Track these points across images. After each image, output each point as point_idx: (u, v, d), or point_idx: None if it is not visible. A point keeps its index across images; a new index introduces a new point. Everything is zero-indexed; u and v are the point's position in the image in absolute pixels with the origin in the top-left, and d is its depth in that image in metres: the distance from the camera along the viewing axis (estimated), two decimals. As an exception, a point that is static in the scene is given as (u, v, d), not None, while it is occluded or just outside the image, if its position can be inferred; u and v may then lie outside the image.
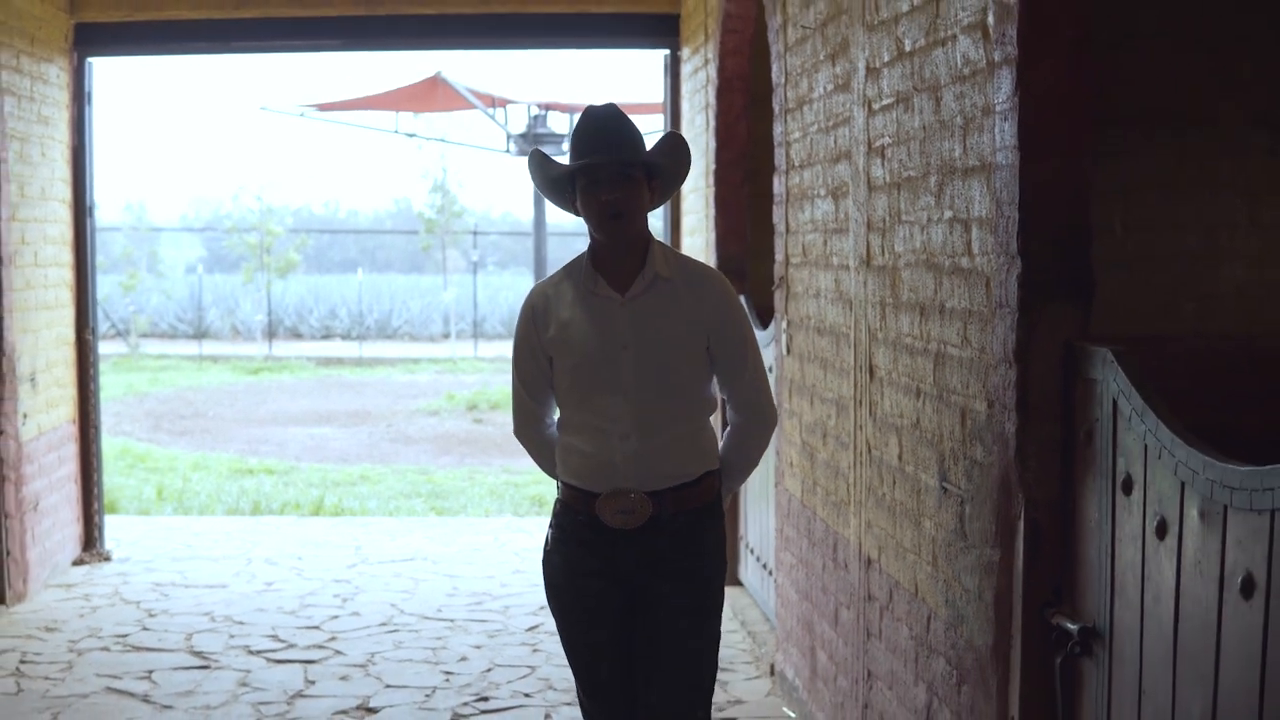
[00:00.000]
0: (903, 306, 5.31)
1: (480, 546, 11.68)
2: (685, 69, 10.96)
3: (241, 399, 26.47)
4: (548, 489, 15.30)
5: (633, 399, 4.80)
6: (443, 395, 26.08)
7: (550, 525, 5.05)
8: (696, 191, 10.45)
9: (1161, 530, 3.57)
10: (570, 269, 5.00)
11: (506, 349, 33.54)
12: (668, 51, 11.31)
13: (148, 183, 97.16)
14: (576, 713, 7.24)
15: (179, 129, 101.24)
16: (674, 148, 4.91)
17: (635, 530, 4.80)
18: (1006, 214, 4.20)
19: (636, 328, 4.83)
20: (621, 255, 4.87)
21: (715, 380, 4.99)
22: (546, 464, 5.14)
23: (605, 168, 4.75)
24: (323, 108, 23.77)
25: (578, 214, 4.89)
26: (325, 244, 64.21)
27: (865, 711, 5.90)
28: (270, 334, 39.27)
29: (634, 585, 4.87)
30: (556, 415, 5.09)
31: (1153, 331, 5.55)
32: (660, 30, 11.20)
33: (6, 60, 9.67)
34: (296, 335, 41.93)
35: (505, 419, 21.85)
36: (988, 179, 4.36)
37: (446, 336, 40.38)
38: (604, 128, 4.81)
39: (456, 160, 52.40)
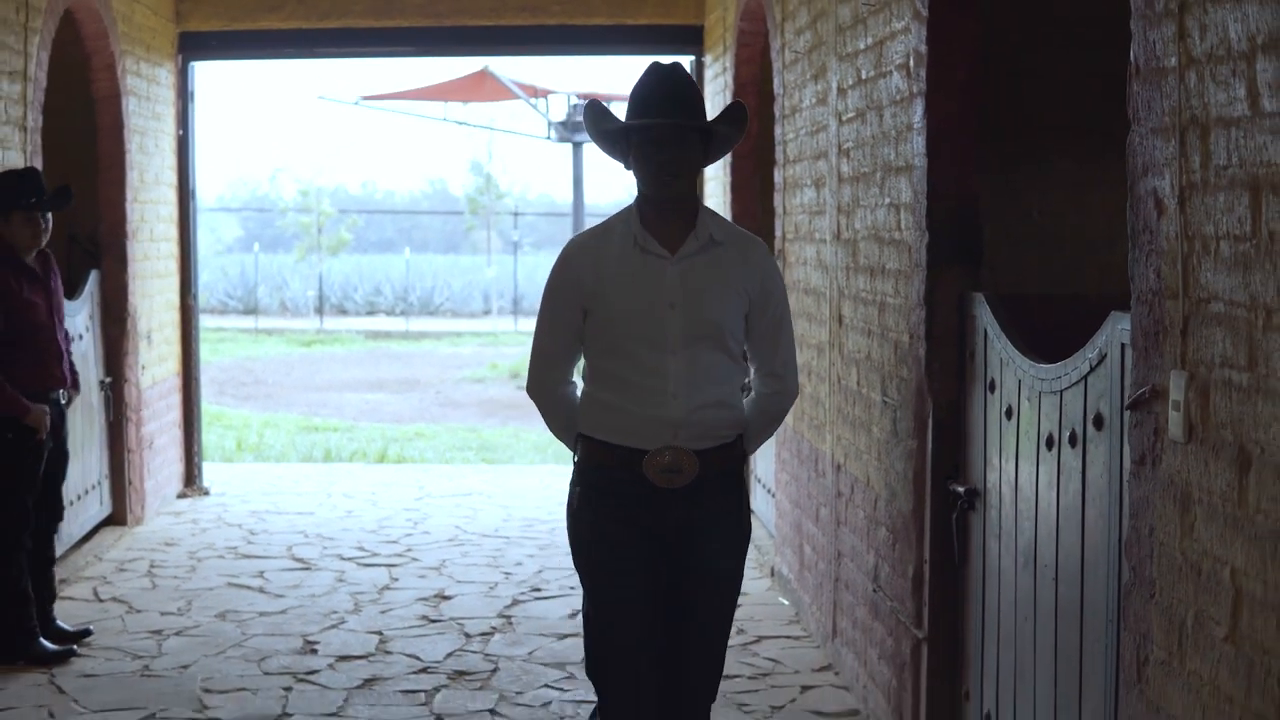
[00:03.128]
0: (860, 270, 7.04)
1: (528, 486, 13.45)
2: (708, 73, 12.67)
3: (297, 368, 28.28)
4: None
5: (680, 358, 4.79)
6: (486, 365, 27.86)
7: (574, 484, 5.01)
8: (716, 179, 12.18)
9: (1009, 414, 5.31)
10: (613, 224, 4.97)
11: (545, 325, 35.29)
12: (693, 57, 13.00)
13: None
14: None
15: (224, 115, 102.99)
16: (736, 117, 4.98)
17: (679, 489, 4.81)
18: (920, 201, 5.94)
19: (685, 287, 4.81)
20: (671, 215, 4.87)
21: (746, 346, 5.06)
22: (561, 422, 5.10)
23: (665, 129, 4.75)
24: (378, 97, 25.56)
25: (629, 167, 4.91)
26: (363, 224, 66.10)
27: (836, 584, 7.64)
28: (320, 309, 41.10)
29: (670, 545, 4.87)
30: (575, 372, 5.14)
31: (1067, 292, 7.25)
32: (687, 39, 12.89)
33: (130, 66, 11.41)
34: (342, 311, 43.71)
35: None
36: (909, 176, 6.09)
37: (487, 313, 42.14)
38: (667, 89, 4.83)
39: (503, 147, 54.08)
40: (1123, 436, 4.25)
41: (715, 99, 12.20)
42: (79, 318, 10.44)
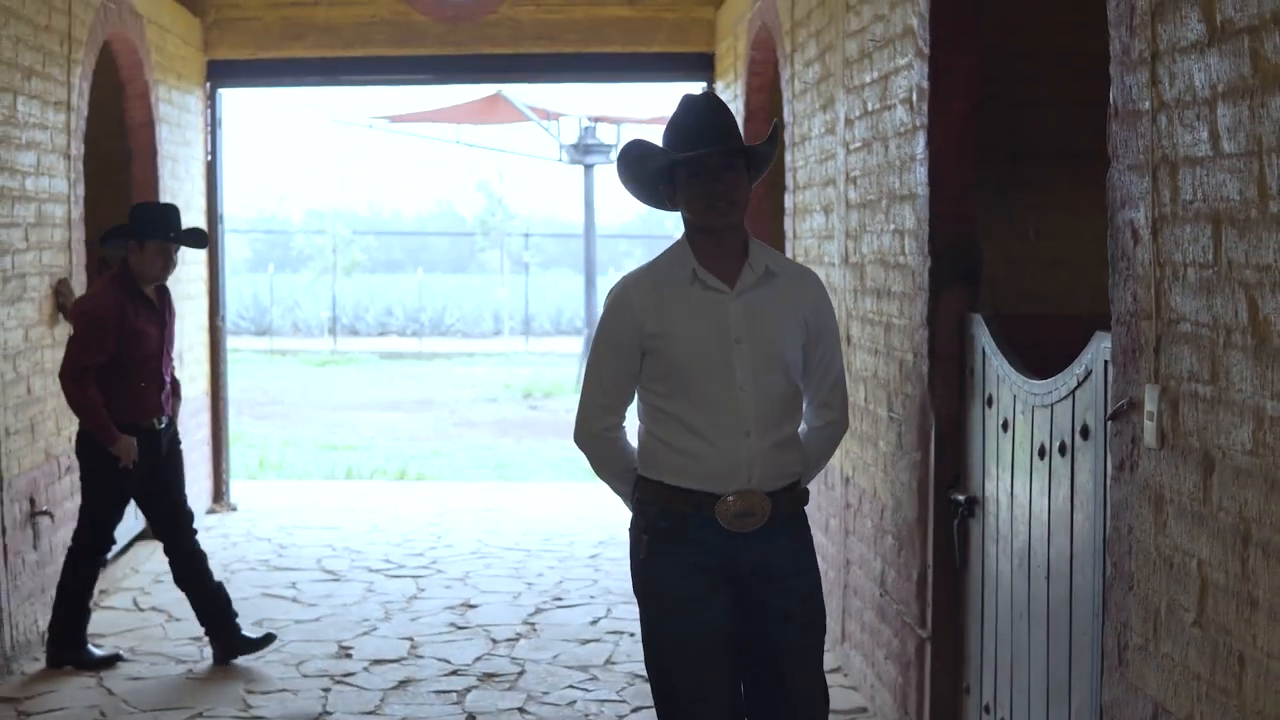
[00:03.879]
0: (867, 292, 7.46)
1: (547, 501, 13.86)
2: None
3: (313, 388, 28.68)
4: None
5: (749, 395, 4.69)
6: (499, 385, 28.25)
7: (639, 530, 4.86)
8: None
9: (1005, 426, 5.72)
10: (664, 262, 4.87)
11: (555, 344, 35.76)
12: (705, 84, 13.44)
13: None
14: (631, 608, 9.41)
15: (229, 137, 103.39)
16: (775, 137, 4.95)
17: (752, 532, 4.72)
18: (923, 228, 6.35)
19: (748, 322, 4.73)
20: (724, 248, 4.77)
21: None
22: (617, 471, 4.96)
23: (714, 157, 4.66)
24: (392, 119, 26.03)
25: (668, 207, 4.83)
26: (371, 245, 66.54)
27: (845, 590, 8.05)
28: (333, 330, 41.53)
29: (745, 589, 4.77)
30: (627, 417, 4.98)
31: (1063, 311, 7.66)
32: (699, 66, 13.34)
33: (163, 95, 11.84)
34: (354, 332, 44.10)
35: (558, 404, 24.01)
36: (913, 204, 6.51)
37: (498, 334, 42.55)
38: (708, 117, 4.77)
39: (511, 168, 54.54)
40: (1106, 445, 4.65)
41: (726, 126, 12.61)
42: (116, 339, 10.84)
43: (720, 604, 4.73)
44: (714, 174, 4.67)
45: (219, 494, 13.45)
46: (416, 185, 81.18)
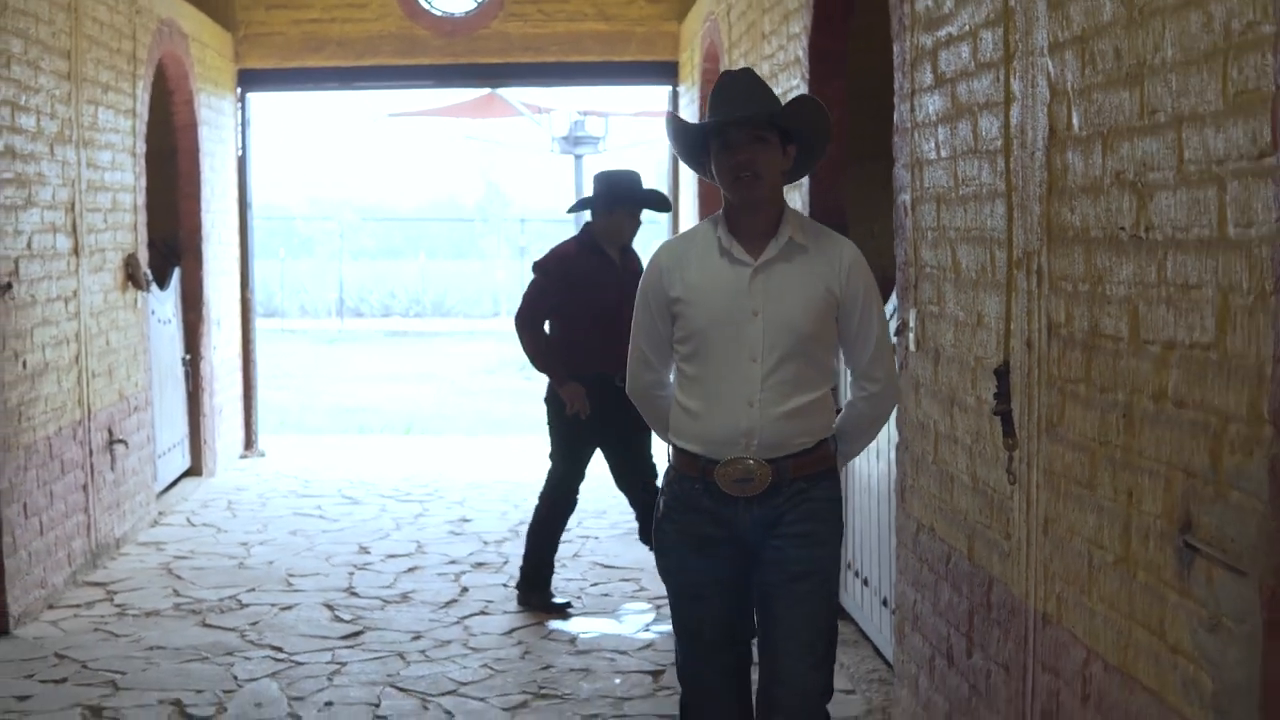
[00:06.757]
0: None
1: (535, 451, 15.85)
2: (682, 101, 15.13)
3: (323, 363, 30.68)
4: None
5: (760, 365, 4.71)
6: (496, 359, 30.20)
7: (660, 494, 5.03)
8: (689, 192, 14.65)
9: (856, 354, 7.78)
10: (701, 230, 4.90)
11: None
12: (670, 87, 15.48)
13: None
14: (598, 520, 11.50)
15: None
16: (803, 108, 4.85)
17: (754, 495, 4.78)
18: (806, 208, 8.42)
19: (768, 293, 4.74)
20: (755, 218, 4.77)
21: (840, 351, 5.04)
22: (659, 425, 5.13)
23: (737, 129, 4.65)
24: (397, 115, 28.07)
25: (711, 177, 4.82)
26: (376, 232, 68.21)
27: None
28: (340, 312, 43.50)
29: (750, 548, 4.84)
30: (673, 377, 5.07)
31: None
32: (665, 73, 15.35)
33: (205, 100, 13.89)
34: (358, 314, 45.96)
35: (550, 377, 26.02)
36: (800, 190, 8.57)
37: (497, 315, 44.49)
38: (736, 89, 4.76)
39: (506, 158, 56.43)
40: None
41: (687, 124, 14.65)
42: (168, 305, 12.91)
43: (726, 565, 4.88)
44: (738, 147, 4.69)
45: (249, 442, 15.49)
46: (418, 177, 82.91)
